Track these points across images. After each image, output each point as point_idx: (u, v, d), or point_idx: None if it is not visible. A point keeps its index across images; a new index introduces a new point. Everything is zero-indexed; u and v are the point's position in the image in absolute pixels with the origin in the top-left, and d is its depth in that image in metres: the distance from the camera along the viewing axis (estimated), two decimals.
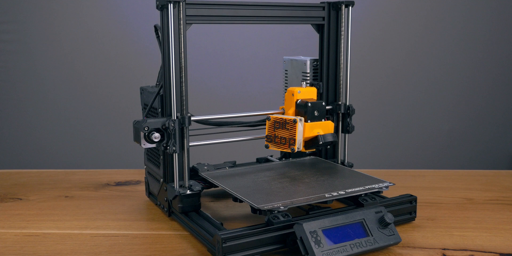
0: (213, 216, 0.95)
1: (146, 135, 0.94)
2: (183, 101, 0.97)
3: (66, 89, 2.33)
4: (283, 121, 1.00)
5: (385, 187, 0.94)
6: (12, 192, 1.22)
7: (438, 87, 2.47)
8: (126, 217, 1.05)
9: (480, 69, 2.47)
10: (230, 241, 0.80)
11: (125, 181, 1.30)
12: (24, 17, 2.33)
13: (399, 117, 2.48)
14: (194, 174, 1.08)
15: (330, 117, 1.14)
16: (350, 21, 1.11)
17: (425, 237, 0.94)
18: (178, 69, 0.95)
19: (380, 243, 0.84)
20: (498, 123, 2.53)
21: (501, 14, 2.43)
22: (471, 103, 2.50)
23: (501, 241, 0.92)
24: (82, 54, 2.34)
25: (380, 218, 0.87)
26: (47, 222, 1.02)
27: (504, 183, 1.28)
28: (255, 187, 0.95)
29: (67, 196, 1.19)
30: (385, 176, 1.01)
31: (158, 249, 0.89)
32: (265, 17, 1.05)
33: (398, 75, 2.44)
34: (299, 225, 0.82)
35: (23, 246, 0.91)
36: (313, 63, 1.13)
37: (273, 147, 1.02)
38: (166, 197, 1.02)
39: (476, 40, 2.44)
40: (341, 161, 1.16)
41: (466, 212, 1.07)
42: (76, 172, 1.40)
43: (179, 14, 0.93)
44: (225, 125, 1.10)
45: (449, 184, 1.27)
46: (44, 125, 2.38)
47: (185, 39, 0.95)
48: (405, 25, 2.40)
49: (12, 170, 1.43)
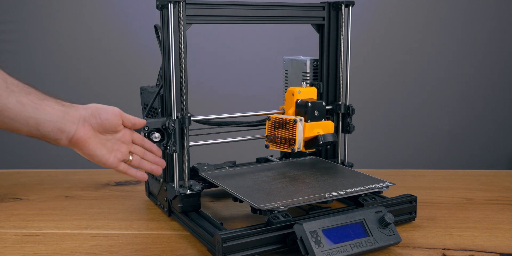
0: (213, 216, 0.95)
1: (146, 135, 0.94)
2: (183, 101, 0.97)
3: (66, 89, 2.33)
4: (283, 121, 1.00)
5: (385, 187, 0.94)
6: (12, 192, 1.22)
7: (438, 87, 2.47)
8: (126, 217, 1.05)
9: (480, 69, 2.47)
10: (230, 241, 0.80)
11: (125, 181, 1.30)
12: (24, 17, 2.34)
13: (399, 117, 2.48)
14: (194, 174, 1.08)
15: (330, 117, 1.14)
16: (350, 21, 1.11)
17: (425, 237, 0.94)
18: (178, 69, 0.95)
19: (380, 243, 0.84)
20: (498, 123, 2.53)
21: (501, 14, 2.43)
22: (471, 103, 2.50)
23: (501, 241, 0.92)
24: (82, 54, 2.34)
25: (380, 218, 0.87)
26: (47, 222, 1.02)
27: (504, 183, 1.28)
28: (255, 187, 0.95)
29: (67, 196, 1.19)
30: (385, 176, 1.01)
31: (158, 249, 0.89)
32: (265, 17, 1.05)
33: (398, 75, 2.44)
34: (299, 225, 0.82)
35: (23, 246, 0.91)
36: (313, 63, 1.13)
37: (273, 147, 1.02)
38: (166, 197, 1.02)
39: (476, 40, 2.44)
40: (341, 161, 1.16)
41: (466, 212, 1.07)
42: (76, 172, 1.40)
43: (179, 14, 0.93)
44: (225, 125, 1.10)
45: (449, 184, 1.27)
46: None
47: (185, 39, 0.95)
48: (405, 25, 2.40)
49: (12, 170, 1.43)
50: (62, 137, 0.77)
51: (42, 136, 0.77)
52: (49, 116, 0.75)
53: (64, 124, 0.77)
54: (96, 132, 0.81)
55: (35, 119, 0.74)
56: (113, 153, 0.83)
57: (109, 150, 0.83)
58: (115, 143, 0.84)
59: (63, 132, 0.77)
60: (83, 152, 0.81)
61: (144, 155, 0.89)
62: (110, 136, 0.83)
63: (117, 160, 0.84)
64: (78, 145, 0.79)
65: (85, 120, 0.79)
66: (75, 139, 0.78)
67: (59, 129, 0.76)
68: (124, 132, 0.86)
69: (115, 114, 0.83)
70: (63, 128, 0.77)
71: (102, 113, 0.81)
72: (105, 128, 0.82)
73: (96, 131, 0.81)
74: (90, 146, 0.80)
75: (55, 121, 0.76)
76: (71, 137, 0.78)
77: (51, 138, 0.77)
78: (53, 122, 0.76)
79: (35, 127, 0.75)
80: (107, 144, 0.83)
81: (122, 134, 0.85)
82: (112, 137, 0.84)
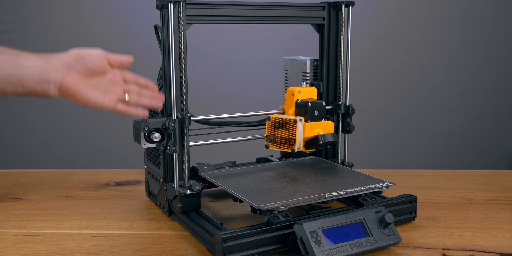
0: (213, 216, 0.95)
1: (146, 135, 0.94)
2: (183, 101, 0.97)
3: None
4: (283, 121, 1.00)
5: (385, 187, 0.94)
6: (12, 192, 1.22)
7: (438, 87, 2.47)
8: (126, 217, 1.05)
9: (480, 69, 2.47)
10: (230, 241, 0.80)
11: (125, 181, 1.30)
12: (24, 17, 2.33)
13: (399, 117, 2.48)
14: (194, 174, 1.08)
15: (330, 117, 1.14)
16: (350, 21, 1.11)
17: (425, 237, 0.94)
18: (178, 69, 0.95)
19: (380, 243, 0.84)
20: (498, 123, 2.53)
21: (501, 14, 2.43)
22: (471, 103, 2.50)
23: (501, 241, 0.92)
24: None
25: (380, 218, 0.87)
26: (47, 222, 1.02)
27: (504, 183, 1.28)
28: (255, 187, 0.95)
29: (67, 196, 1.19)
30: (385, 176, 1.01)
31: (158, 249, 0.89)
32: (265, 17, 1.05)
33: (398, 75, 2.44)
34: (299, 225, 0.82)
35: (23, 246, 0.91)
36: (313, 63, 1.13)
37: (273, 147, 1.02)
38: (166, 197, 1.02)
39: (476, 40, 2.44)
40: (341, 161, 1.16)
41: (466, 212, 1.07)
42: (76, 172, 1.40)
43: (179, 14, 0.93)
44: (225, 125, 1.10)
45: (449, 184, 1.27)
46: (44, 125, 2.38)
47: (185, 39, 0.95)
48: (405, 25, 2.40)
49: (12, 170, 1.43)
50: (49, 87, 0.76)
51: (29, 91, 0.75)
52: (30, 70, 0.74)
53: (48, 74, 0.75)
54: (84, 76, 0.79)
55: (16, 76, 0.73)
56: (108, 94, 0.81)
57: (102, 93, 0.81)
58: (107, 85, 0.82)
59: (49, 83, 0.75)
60: (76, 99, 0.79)
61: (141, 92, 0.87)
62: (100, 78, 0.81)
63: (113, 101, 0.82)
64: (68, 92, 0.77)
65: (69, 67, 0.77)
66: (64, 87, 0.76)
67: (44, 80, 0.75)
68: (114, 72, 0.84)
69: (99, 56, 0.81)
70: (47, 78, 0.75)
71: (85, 57, 0.80)
72: (92, 71, 0.80)
73: (83, 76, 0.79)
74: (82, 91, 0.78)
75: (38, 74, 0.74)
76: (59, 86, 0.76)
77: (39, 92, 0.75)
78: (36, 74, 0.74)
79: (19, 84, 0.73)
80: (99, 87, 0.81)
81: (112, 75, 0.83)
82: (102, 79, 0.82)
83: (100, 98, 0.80)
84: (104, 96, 0.81)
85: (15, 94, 0.75)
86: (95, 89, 0.80)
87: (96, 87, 0.81)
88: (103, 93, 0.81)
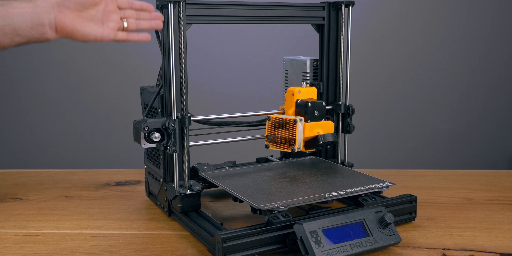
0: (213, 216, 0.95)
1: (146, 135, 0.94)
2: (183, 101, 0.97)
3: (66, 89, 2.33)
4: (283, 121, 1.00)
5: (385, 187, 0.94)
6: (12, 192, 1.22)
7: (438, 87, 2.47)
8: (126, 217, 1.05)
9: (480, 69, 2.47)
10: (230, 241, 0.80)
11: (125, 181, 1.30)
12: None
13: (399, 117, 2.48)
14: (194, 174, 1.08)
15: (330, 117, 1.14)
16: (350, 21, 1.11)
17: (425, 237, 0.94)
18: (178, 69, 0.95)
19: (380, 243, 0.84)
20: (497, 123, 2.53)
21: (501, 14, 2.43)
22: (471, 103, 2.50)
23: (501, 241, 0.92)
24: (82, 54, 2.34)
25: (380, 218, 0.87)
26: (47, 222, 1.02)
27: (504, 183, 1.28)
28: (255, 187, 0.95)
29: (67, 196, 1.19)
30: (385, 176, 1.01)
31: (158, 249, 0.89)
32: (265, 17, 1.05)
33: (398, 75, 2.44)
34: (299, 225, 0.82)
35: (23, 246, 0.91)
36: (313, 63, 1.13)
37: (273, 147, 1.02)
38: (166, 197, 1.02)
39: (476, 40, 2.44)
40: (341, 161, 1.16)
41: (466, 212, 1.07)
42: (76, 172, 1.40)
43: (179, 14, 0.93)
44: (225, 125, 1.10)
45: (449, 184, 1.27)
46: (44, 125, 2.38)
47: (185, 39, 0.95)
48: (405, 25, 2.40)
49: (12, 170, 1.43)
50: (45, 30, 0.75)
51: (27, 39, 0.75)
52: (21, 17, 0.73)
53: (40, 17, 0.75)
54: (76, 12, 0.78)
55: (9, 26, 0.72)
56: (105, 25, 0.81)
57: (99, 25, 0.80)
58: (102, 16, 0.81)
59: (43, 26, 0.75)
60: (74, 36, 0.79)
61: (139, 16, 0.87)
62: (93, 10, 0.80)
63: (112, 31, 0.82)
64: (65, 31, 0.77)
65: (59, 5, 0.77)
66: (59, 27, 0.76)
67: (38, 24, 0.74)
68: (106, 2, 0.83)
69: None
70: (41, 21, 0.75)
71: None
72: (83, 4, 0.79)
73: (76, 11, 0.78)
74: (78, 27, 0.78)
75: (30, 19, 0.74)
76: (54, 26, 0.76)
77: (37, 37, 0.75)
78: (28, 20, 0.74)
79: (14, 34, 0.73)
80: (94, 19, 0.80)
81: (104, 5, 0.82)
82: (95, 11, 0.81)
83: (99, 31, 0.80)
84: (103, 28, 0.81)
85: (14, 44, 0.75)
86: (91, 22, 0.80)
87: (91, 20, 0.80)
88: (100, 25, 0.81)
